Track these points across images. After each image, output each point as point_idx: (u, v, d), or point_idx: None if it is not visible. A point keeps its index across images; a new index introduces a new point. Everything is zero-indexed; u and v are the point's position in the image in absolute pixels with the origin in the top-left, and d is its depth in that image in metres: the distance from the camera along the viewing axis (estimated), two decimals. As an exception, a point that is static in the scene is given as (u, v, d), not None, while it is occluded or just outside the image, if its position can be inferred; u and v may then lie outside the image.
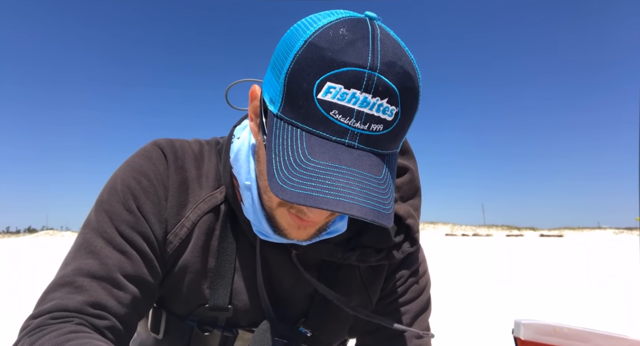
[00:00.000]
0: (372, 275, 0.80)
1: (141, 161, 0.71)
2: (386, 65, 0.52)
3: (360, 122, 0.52)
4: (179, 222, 0.70)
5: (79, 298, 0.59)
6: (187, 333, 0.74)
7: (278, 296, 0.76)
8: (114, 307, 0.61)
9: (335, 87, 0.51)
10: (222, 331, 0.73)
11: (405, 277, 0.81)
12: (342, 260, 0.74)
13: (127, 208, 0.67)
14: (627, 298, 6.45)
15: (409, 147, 0.83)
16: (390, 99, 0.53)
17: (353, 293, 0.79)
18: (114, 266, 0.63)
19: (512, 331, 1.24)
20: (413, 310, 0.81)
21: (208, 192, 0.73)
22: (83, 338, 0.54)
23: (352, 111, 0.51)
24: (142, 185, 0.69)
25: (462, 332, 4.35)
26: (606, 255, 17.24)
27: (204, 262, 0.72)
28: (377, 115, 0.52)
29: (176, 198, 0.70)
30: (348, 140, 0.52)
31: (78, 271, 0.62)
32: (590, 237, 47.82)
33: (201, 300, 0.73)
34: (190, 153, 0.75)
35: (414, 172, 0.82)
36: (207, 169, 0.74)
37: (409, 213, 0.78)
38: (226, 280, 0.72)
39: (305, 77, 0.52)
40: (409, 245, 0.77)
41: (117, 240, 0.65)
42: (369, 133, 0.53)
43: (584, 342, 1.18)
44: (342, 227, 0.71)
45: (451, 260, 14.07)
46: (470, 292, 7.01)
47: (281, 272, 0.75)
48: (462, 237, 50.01)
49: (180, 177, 0.71)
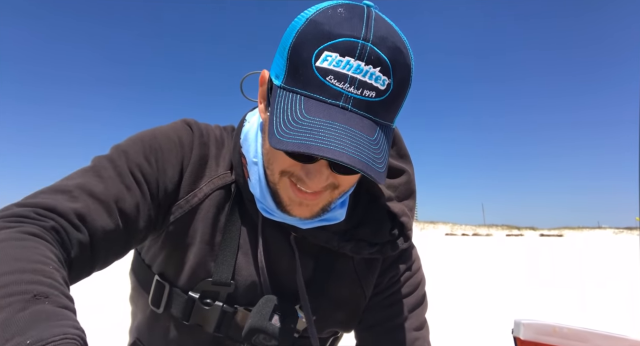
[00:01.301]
0: (366, 269, 0.82)
1: (170, 130, 0.76)
2: (378, 38, 0.58)
3: (353, 86, 0.57)
4: (192, 190, 0.75)
5: (70, 205, 0.60)
6: (188, 306, 0.76)
7: (276, 276, 0.78)
8: (96, 228, 0.62)
9: (331, 55, 0.57)
10: (222, 305, 0.75)
11: (400, 273, 0.84)
12: (337, 248, 0.77)
13: (145, 157, 0.71)
14: (627, 298, 6.45)
15: (407, 153, 0.88)
16: (382, 69, 0.58)
17: (346, 285, 0.81)
18: (114, 195, 0.65)
19: (512, 331, 1.25)
20: (409, 304, 0.83)
21: (223, 171, 0.78)
22: (40, 243, 0.53)
23: (346, 77, 0.56)
24: (168, 145, 0.74)
25: (462, 332, 4.35)
26: (606, 255, 17.25)
27: (211, 235, 0.76)
28: (370, 82, 0.57)
29: (195, 169, 0.75)
30: (342, 102, 0.57)
31: (79, 186, 0.63)
32: (590, 236, 47.84)
33: (205, 273, 0.75)
34: (213, 135, 0.80)
35: (410, 175, 0.86)
36: (225, 152, 0.80)
37: (403, 211, 0.82)
38: (230, 256, 0.75)
39: (305, 48, 0.58)
40: (402, 241, 0.81)
41: (127, 175, 0.68)
42: (362, 98, 0.57)
43: (583, 342, 1.18)
44: (341, 215, 0.75)
45: (451, 259, 14.07)
46: (470, 292, 7.01)
47: (279, 253, 0.78)
48: (462, 236, 50.03)
49: (202, 152, 0.77)
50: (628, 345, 1.16)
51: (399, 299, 0.82)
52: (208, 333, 0.77)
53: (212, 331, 0.77)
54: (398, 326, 0.81)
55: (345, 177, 0.65)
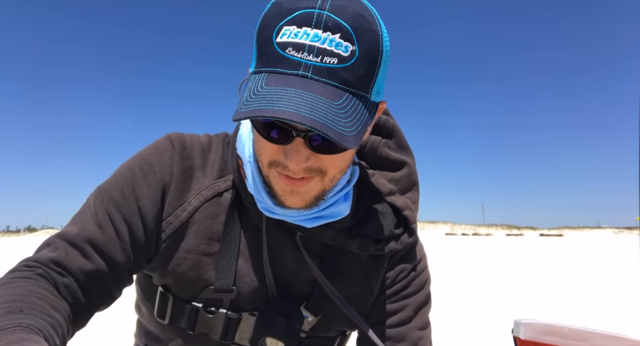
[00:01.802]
0: (372, 266, 0.82)
1: (149, 150, 0.77)
2: (336, 7, 0.58)
3: (312, 54, 0.57)
4: (180, 206, 0.75)
5: (49, 255, 0.67)
6: (193, 316, 0.76)
7: (281, 278, 0.78)
8: (75, 270, 0.67)
9: (289, 28, 0.57)
10: (226, 312, 0.76)
11: (407, 271, 0.83)
12: (342, 246, 0.77)
13: (121, 191, 0.73)
14: (627, 297, 6.45)
15: (407, 145, 0.87)
16: (343, 35, 0.57)
17: (354, 282, 0.81)
18: (87, 237, 0.69)
19: (511, 331, 1.25)
20: (415, 303, 0.82)
21: (211, 180, 0.78)
22: (27, 282, 0.61)
23: (304, 46, 0.57)
24: (143, 171, 0.74)
25: (462, 332, 4.35)
26: (606, 255, 17.25)
27: (208, 245, 0.76)
28: (330, 48, 0.57)
29: (180, 184, 0.75)
30: (302, 71, 0.57)
31: (60, 235, 0.70)
32: (590, 236, 47.83)
33: (206, 282, 0.75)
34: (198, 144, 0.80)
35: (411, 167, 0.85)
36: (212, 159, 0.79)
37: (406, 205, 0.82)
38: (231, 262, 0.75)
39: (267, 28, 0.60)
40: (407, 236, 0.81)
41: (100, 215, 0.71)
42: (322, 65, 0.57)
43: (583, 341, 1.18)
44: (345, 210, 0.75)
45: (451, 259, 14.07)
46: (470, 292, 7.01)
47: (284, 254, 0.77)
48: (462, 236, 50.02)
49: (185, 165, 0.76)
50: (628, 344, 1.16)
51: (405, 297, 0.82)
52: (215, 342, 0.77)
53: (219, 340, 0.77)
54: (403, 324, 0.80)
55: (328, 158, 0.64)
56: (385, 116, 0.86)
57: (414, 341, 0.80)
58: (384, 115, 0.86)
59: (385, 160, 0.85)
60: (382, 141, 0.85)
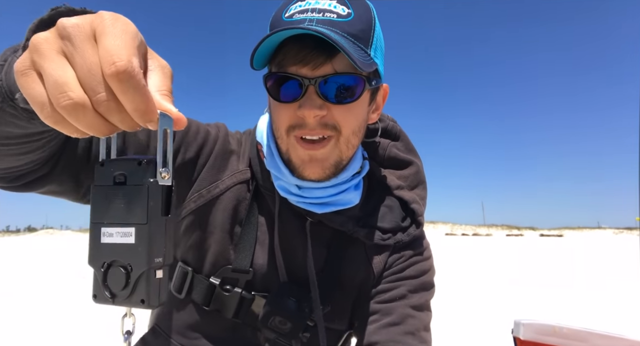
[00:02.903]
0: (376, 252, 0.84)
1: (202, 123, 0.84)
2: None
3: (314, 12, 0.66)
4: (215, 181, 0.81)
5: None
6: (209, 292, 0.80)
7: (290, 263, 0.81)
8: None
9: (294, 4, 0.69)
10: (241, 292, 0.80)
11: (407, 256, 0.86)
12: (351, 232, 0.81)
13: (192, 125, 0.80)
14: (627, 298, 6.45)
15: (414, 148, 0.93)
16: (338, 1, 0.68)
17: (358, 271, 0.83)
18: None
19: (512, 331, 1.25)
20: (410, 285, 0.83)
21: (244, 167, 0.84)
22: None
23: (306, 10, 0.67)
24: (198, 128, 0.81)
25: (462, 332, 4.36)
26: (606, 255, 17.24)
27: (231, 225, 0.81)
28: (329, 8, 0.67)
29: (218, 160, 0.82)
30: (307, 23, 0.65)
31: None
32: (590, 236, 47.87)
33: (225, 261, 0.80)
34: (235, 136, 0.88)
35: (418, 166, 0.91)
36: (244, 151, 0.86)
37: (414, 199, 0.86)
38: (249, 245, 0.80)
39: (278, 12, 0.71)
40: (414, 228, 0.85)
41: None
42: (324, 18, 0.66)
43: (583, 342, 1.18)
44: (355, 198, 0.80)
45: (451, 259, 14.07)
46: (470, 292, 7.01)
47: (295, 241, 0.81)
48: (462, 236, 50.04)
49: (226, 147, 0.84)
50: (628, 345, 1.16)
51: (401, 279, 0.84)
52: (227, 319, 0.81)
53: (231, 317, 0.80)
54: (394, 300, 0.80)
55: (341, 113, 0.69)
56: (392, 123, 0.91)
57: (402, 316, 0.78)
58: (391, 122, 0.91)
59: (394, 160, 0.90)
60: (390, 143, 0.90)
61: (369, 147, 0.89)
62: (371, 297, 0.83)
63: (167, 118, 0.35)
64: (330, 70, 0.67)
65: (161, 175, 0.37)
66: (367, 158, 0.86)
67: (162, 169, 0.37)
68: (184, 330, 0.83)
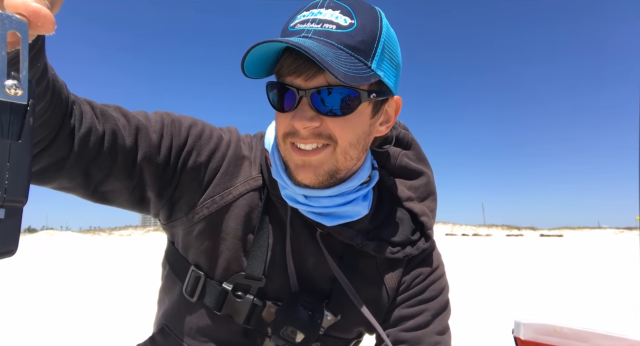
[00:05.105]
0: (389, 269, 0.84)
1: (215, 127, 0.85)
2: None
3: (314, 23, 0.66)
4: (228, 188, 0.80)
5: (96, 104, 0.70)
6: (221, 297, 0.80)
7: (302, 272, 0.82)
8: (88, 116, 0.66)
9: (300, 14, 0.69)
10: (253, 299, 0.80)
11: (424, 276, 0.85)
12: (360, 246, 0.80)
13: (187, 128, 0.78)
14: (627, 298, 6.45)
15: (425, 158, 0.92)
16: (342, 12, 0.67)
17: (371, 284, 0.83)
18: (140, 122, 0.73)
19: (512, 331, 1.25)
20: (432, 309, 0.83)
21: (257, 173, 0.83)
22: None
23: (307, 21, 0.67)
24: (210, 132, 0.81)
25: (462, 332, 4.35)
26: (606, 255, 17.23)
27: (244, 232, 0.81)
28: (330, 19, 0.66)
29: (231, 167, 0.82)
30: (303, 34, 0.66)
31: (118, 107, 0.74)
32: (590, 236, 47.83)
33: (238, 267, 0.80)
34: (246, 140, 0.88)
35: (429, 176, 0.90)
36: (254, 156, 0.86)
37: (423, 211, 0.85)
38: (262, 253, 0.80)
39: (288, 21, 0.71)
40: (423, 241, 0.84)
41: (154, 123, 0.75)
42: (322, 29, 0.66)
43: (583, 342, 1.18)
44: (364, 209, 0.79)
45: (451, 260, 14.06)
46: (470, 292, 7.00)
47: (306, 250, 0.81)
48: (462, 236, 50.03)
49: (240, 153, 0.84)
50: (628, 345, 1.16)
51: (422, 302, 0.83)
52: (238, 325, 0.81)
53: (242, 323, 0.80)
54: (420, 328, 0.81)
55: (335, 125, 0.68)
56: (404, 131, 0.90)
57: (431, 345, 0.79)
58: (403, 130, 0.90)
59: (404, 169, 0.89)
60: (401, 152, 0.89)
61: (380, 155, 0.88)
62: (394, 322, 0.82)
63: (13, 19, 0.29)
64: (323, 82, 0.66)
65: (4, 90, 0.31)
66: (377, 168, 0.85)
67: (7, 82, 0.31)
68: (194, 333, 0.83)
